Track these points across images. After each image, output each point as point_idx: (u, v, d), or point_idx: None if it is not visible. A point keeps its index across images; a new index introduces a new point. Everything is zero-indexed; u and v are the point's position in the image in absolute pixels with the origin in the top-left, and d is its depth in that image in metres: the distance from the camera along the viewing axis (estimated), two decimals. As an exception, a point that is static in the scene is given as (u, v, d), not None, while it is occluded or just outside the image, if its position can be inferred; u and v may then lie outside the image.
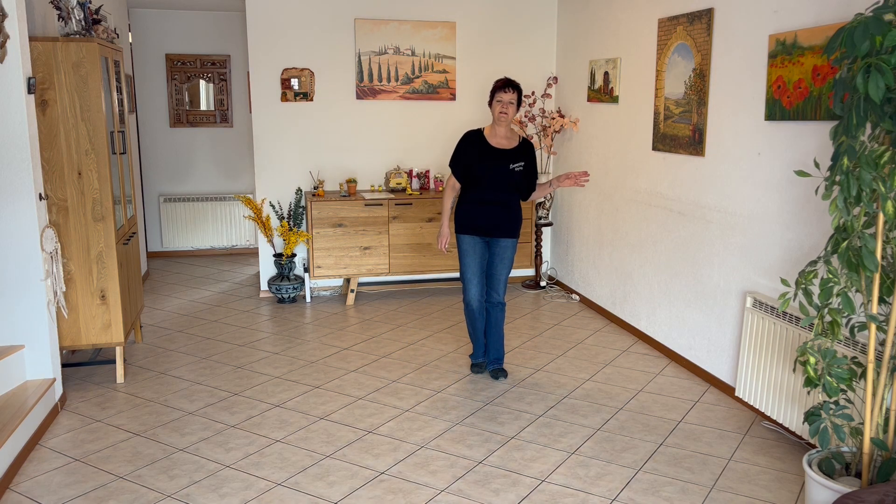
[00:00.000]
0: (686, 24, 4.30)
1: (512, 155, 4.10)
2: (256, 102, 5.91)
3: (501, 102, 4.04)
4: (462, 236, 4.16)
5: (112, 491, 3.03)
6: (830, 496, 2.50)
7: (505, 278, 4.20)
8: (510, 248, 4.16)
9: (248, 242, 7.94)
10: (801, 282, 2.63)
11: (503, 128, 4.13)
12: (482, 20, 6.19)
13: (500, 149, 4.11)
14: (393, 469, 3.22)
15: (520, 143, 4.17)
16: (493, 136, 4.15)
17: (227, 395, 4.05)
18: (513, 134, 4.19)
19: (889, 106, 2.31)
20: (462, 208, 4.17)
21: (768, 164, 3.63)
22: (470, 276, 4.16)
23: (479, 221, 4.11)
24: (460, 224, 4.17)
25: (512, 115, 4.08)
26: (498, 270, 4.18)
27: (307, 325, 5.36)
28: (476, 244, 4.14)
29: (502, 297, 4.23)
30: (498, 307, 4.23)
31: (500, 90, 4.05)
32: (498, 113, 4.06)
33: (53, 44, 3.85)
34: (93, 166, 4.00)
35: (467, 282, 4.18)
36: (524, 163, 4.12)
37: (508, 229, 4.14)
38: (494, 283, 4.20)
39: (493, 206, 4.10)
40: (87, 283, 4.11)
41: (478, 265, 4.15)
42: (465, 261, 4.16)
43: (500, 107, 4.04)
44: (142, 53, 7.45)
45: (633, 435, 3.57)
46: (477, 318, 4.24)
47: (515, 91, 4.05)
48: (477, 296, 4.18)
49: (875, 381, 2.55)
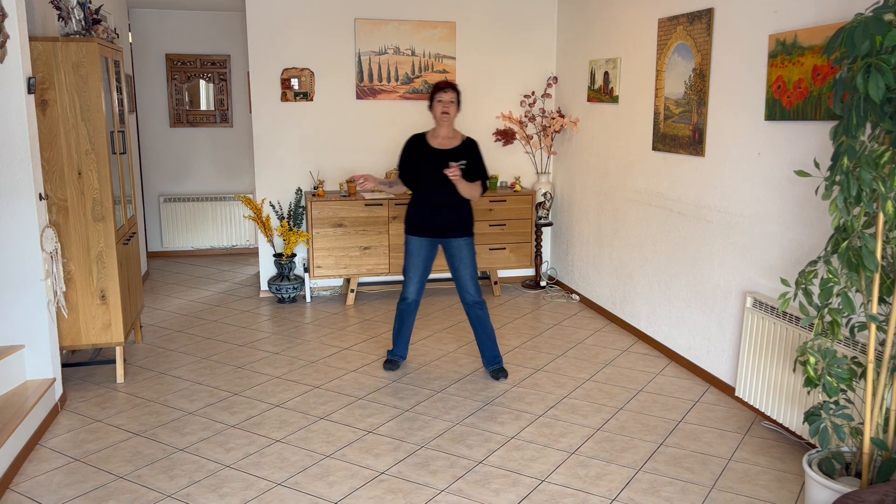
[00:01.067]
0: (686, 24, 4.30)
1: (453, 154, 4.11)
2: (256, 102, 5.91)
3: (442, 102, 4.09)
4: (410, 237, 4.21)
5: (112, 491, 3.03)
6: (830, 496, 2.50)
7: (472, 277, 4.19)
8: (465, 246, 4.16)
9: (248, 242, 7.94)
10: (801, 282, 2.63)
11: (445, 128, 4.17)
12: (482, 20, 6.19)
13: (441, 149, 4.14)
14: (393, 469, 3.22)
15: (462, 141, 4.19)
16: (434, 137, 4.19)
17: (227, 395, 4.05)
18: (455, 134, 4.21)
19: (889, 106, 2.31)
20: (411, 211, 4.22)
21: (768, 164, 3.63)
22: (411, 274, 4.22)
23: (428, 223, 4.15)
24: (409, 225, 4.21)
25: (454, 115, 4.14)
26: (461, 271, 4.18)
27: (307, 325, 5.36)
28: (422, 246, 4.19)
29: (477, 295, 4.20)
30: (476, 307, 4.21)
31: (440, 91, 4.11)
32: (440, 113, 4.11)
33: (53, 44, 3.85)
34: (93, 166, 4.00)
35: (407, 279, 4.24)
36: (467, 161, 4.12)
37: (458, 229, 4.16)
38: (462, 283, 4.19)
39: (440, 207, 4.13)
40: (87, 283, 4.11)
41: (421, 264, 4.20)
42: (409, 260, 4.22)
43: (442, 107, 4.10)
44: (142, 53, 7.45)
45: (633, 435, 3.57)
46: (407, 316, 4.30)
47: (454, 91, 4.12)
48: (414, 293, 4.24)
49: (875, 381, 2.55)
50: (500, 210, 6.04)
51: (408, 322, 4.35)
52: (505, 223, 6.07)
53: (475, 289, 4.20)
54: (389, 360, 4.45)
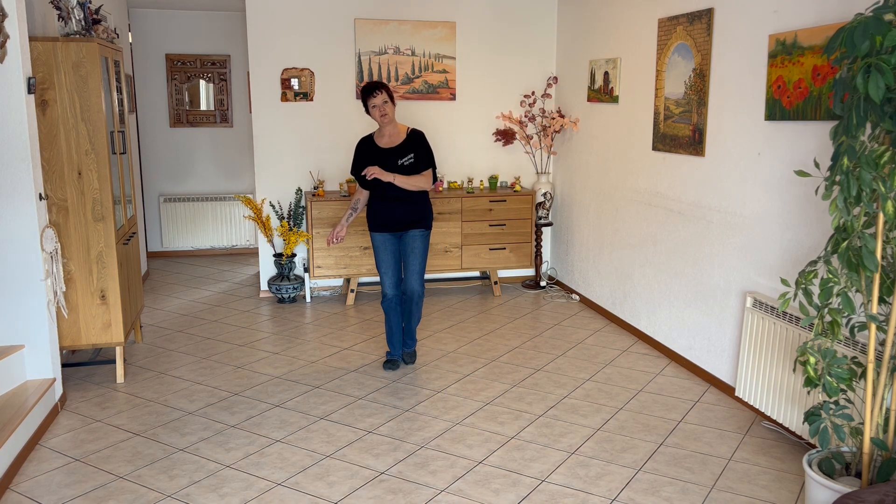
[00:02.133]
0: (686, 24, 4.30)
1: (399, 151, 4.22)
2: (256, 102, 5.91)
3: (377, 107, 4.15)
4: (373, 234, 4.34)
5: (112, 491, 3.03)
6: (830, 496, 2.50)
7: (418, 268, 4.32)
8: (418, 237, 4.29)
9: (248, 242, 7.94)
10: (801, 282, 2.63)
11: (388, 128, 4.26)
12: (482, 20, 6.19)
13: (387, 148, 4.25)
14: (393, 469, 3.22)
15: (407, 136, 4.27)
16: (381, 137, 4.29)
17: (227, 395, 4.05)
18: (399, 130, 4.29)
19: (889, 106, 2.31)
20: (370, 209, 4.34)
21: (768, 164, 3.63)
22: (384, 269, 4.33)
23: (386, 219, 4.27)
24: (371, 223, 4.33)
25: (392, 114, 4.18)
26: (409, 261, 4.31)
27: (307, 325, 5.36)
28: (387, 240, 4.31)
29: (418, 285, 4.34)
30: (414, 296, 4.35)
31: (370, 95, 4.14)
32: (379, 117, 4.17)
33: (53, 44, 3.85)
34: (93, 166, 4.00)
35: (382, 275, 4.35)
36: (413, 154, 4.22)
37: (414, 221, 4.27)
38: (409, 273, 4.34)
39: (394, 202, 4.23)
40: (87, 283, 4.11)
41: (390, 258, 4.32)
42: (378, 256, 4.34)
43: (378, 111, 4.15)
44: (142, 53, 7.45)
45: (633, 435, 3.57)
46: (392, 313, 4.39)
47: (384, 91, 4.15)
48: (391, 288, 4.34)
49: (875, 381, 2.55)
50: (500, 210, 6.04)
51: (395, 319, 4.42)
52: (505, 223, 6.07)
53: (419, 280, 4.33)
54: (389, 360, 4.48)
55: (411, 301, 4.38)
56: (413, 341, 4.54)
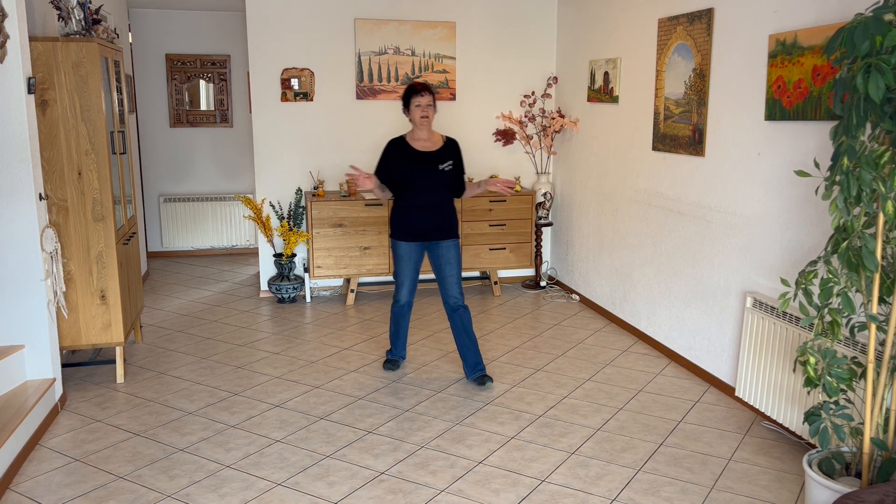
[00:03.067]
0: (686, 24, 4.30)
1: (439, 156, 4.09)
2: (256, 102, 5.91)
3: (420, 106, 4.03)
4: (398, 242, 4.12)
5: (112, 491, 3.03)
6: (830, 496, 2.50)
7: (457, 279, 4.13)
8: (452, 247, 4.12)
9: (248, 242, 7.94)
10: (801, 282, 2.63)
11: (425, 131, 4.11)
12: (482, 20, 6.19)
13: (426, 152, 4.08)
14: (393, 469, 3.22)
15: (444, 142, 4.16)
16: (416, 140, 4.12)
17: (227, 395, 4.05)
18: (435, 135, 4.17)
19: (889, 106, 2.31)
20: (397, 215, 4.13)
21: (768, 164, 3.63)
22: (403, 279, 4.17)
23: (415, 227, 4.07)
24: (396, 230, 4.13)
25: (432, 118, 4.08)
26: (447, 273, 4.11)
27: (307, 325, 5.36)
28: (412, 251, 4.12)
29: (461, 299, 4.13)
30: (460, 310, 4.13)
31: (416, 95, 4.03)
32: (419, 117, 4.04)
33: (53, 44, 3.85)
34: (93, 166, 4.00)
35: (400, 284, 4.19)
36: (452, 161, 4.11)
37: (446, 230, 4.11)
38: (447, 286, 4.12)
39: (426, 209, 4.07)
40: (87, 283, 4.11)
41: (412, 269, 4.16)
42: (400, 265, 4.16)
43: (420, 111, 4.03)
44: (142, 53, 7.45)
45: (633, 435, 3.57)
46: (402, 318, 4.29)
47: (430, 94, 4.05)
48: (406, 296, 4.20)
49: (875, 381, 2.55)
50: (500, 210, 6.04)
51: (403, 324, 4.34)
52: (505, 223, 6.07)
53: (459, 291, 4.14)
54: (389, 360, 4.45)
55: (461, 318, 4.11)
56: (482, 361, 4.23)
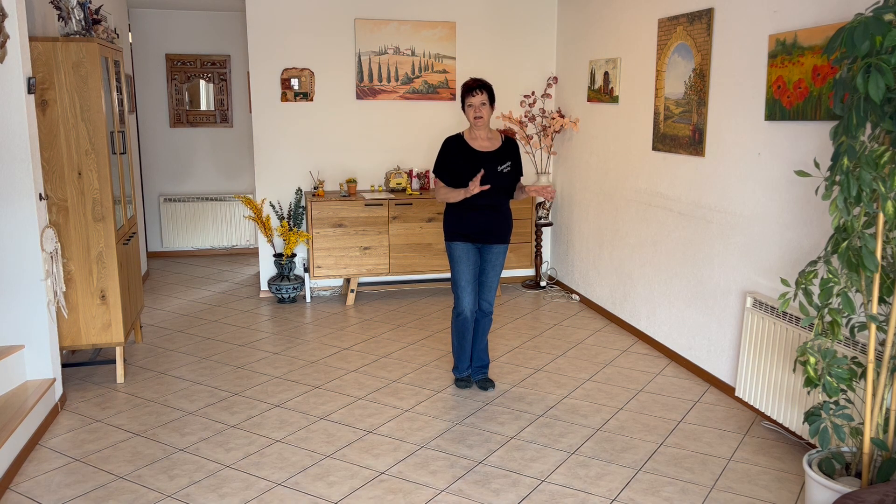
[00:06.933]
0: (686, 24, 4.30)
1: (498, 156, 3.96)
2: (256, 102, 5.91)
3: (473, 107, 3.90)
4: (454, 244, 3.98)
5: (112, 491, 3.03)
6: (830, 496, 2.50)
7: (496, 286, 4.09)
8: (502, 254, 4.04)
9: (248, 242, 7.94)
10: (801, 282, 2.63)
11: (483, 130, 3.98)
12: (482, 20, 6.19)
13: (485, 152, 3.95)
14: (393, 469, 3.22)
15: (503, 142, 4.02)
16: (474, 139, 3.98)
17: (227, 395, 4.05)
18: (494, 134, 4.03)
19: (889, 106, 2.31)
20: (453, 215, 4.00)
21: (768, 164, 3.63)
22: (464, 284, 3.97)
23: (472, 228, 3.95)
24: (452, 232, 3.99)
25: (488, 117, 3.92)
26: (490, 278, 4.05)
27: (307, 325, 5.36)
28: (469, 251, 3.97)
29: (492, 307, 4.11)
30: (489, 317, 4.12)
31: (469, 94, 3.90)
32: (473, 118, 3.91)
33: (53, 44, 3.85)
34: (93, 166, 4.00)
35: (461, 290, 3.98)
36: (511, 162, 3.98)
37: (501, 234, 4.00)
38: (485, 291, 4.06)
39: (484, 210, 3.94)
40: (87, 283, 4.11)
41: (472, 273, 3.99)
42: (459, 268, 3.98)
43: (473, 111, 3.90)
44: (142, 53, 7.45)
45: (633, 435, 3.57)
46: (468, 330, 4.06)
47: (485, 92, 3.89)
48: (470, 305, 3.99)
49: (875, 381, 2.55)
50: (500, 210, 6.03)
51: (468, 337, 4.09)
52: (505, 223, 6.06)
53: (493, 298, 4.11)
54: (459, 378, 4.20)
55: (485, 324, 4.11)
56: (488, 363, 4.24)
